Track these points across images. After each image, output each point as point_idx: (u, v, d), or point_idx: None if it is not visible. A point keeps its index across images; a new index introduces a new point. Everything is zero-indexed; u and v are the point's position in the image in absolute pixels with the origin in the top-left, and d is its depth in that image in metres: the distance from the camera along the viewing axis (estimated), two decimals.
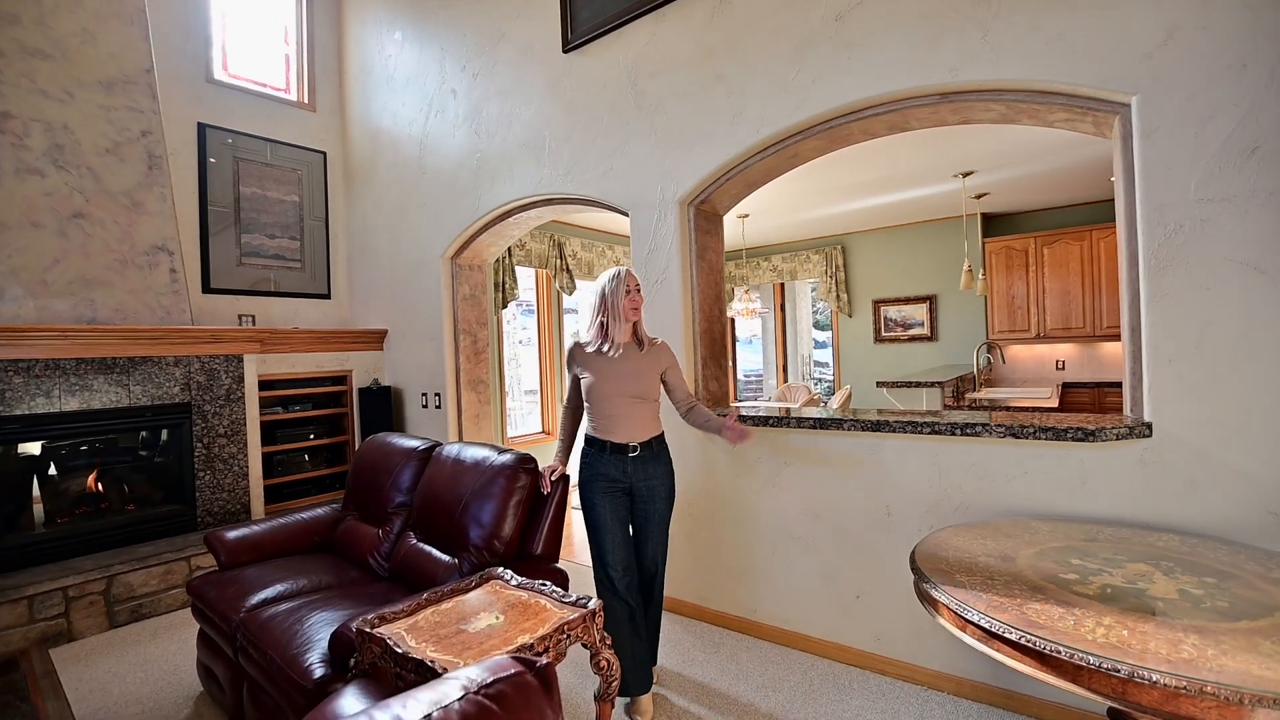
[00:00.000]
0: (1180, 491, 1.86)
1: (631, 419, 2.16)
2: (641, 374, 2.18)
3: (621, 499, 2.18)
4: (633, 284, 2.18)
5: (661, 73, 2.94)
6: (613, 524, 2.15)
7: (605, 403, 2.17)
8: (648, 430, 2.19)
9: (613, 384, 2.16)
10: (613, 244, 6.30)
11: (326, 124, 4.80)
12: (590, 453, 2.23)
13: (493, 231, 4.00)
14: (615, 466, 2.16)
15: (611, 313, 2.15)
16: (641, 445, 2.17)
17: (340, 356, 4.45)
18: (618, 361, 2.17)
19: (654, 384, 2.21)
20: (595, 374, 2.18)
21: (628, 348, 2.20)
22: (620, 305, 2.14)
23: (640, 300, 2.19)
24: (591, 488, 2.19)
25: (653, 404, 2.21)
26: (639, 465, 2.17)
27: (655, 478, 2.19)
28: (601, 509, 2.16)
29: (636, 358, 2.20)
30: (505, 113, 3.65)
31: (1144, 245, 1.90)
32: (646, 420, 2.19)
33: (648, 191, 3.02)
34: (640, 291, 2.20)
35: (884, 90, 2.32)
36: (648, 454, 2.18)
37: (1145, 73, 1.87)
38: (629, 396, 2.15)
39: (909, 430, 2.20)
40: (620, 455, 2.16)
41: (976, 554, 1.68)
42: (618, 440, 2.16)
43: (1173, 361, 1.86)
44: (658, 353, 2.25)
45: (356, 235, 4.76)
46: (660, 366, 2.24)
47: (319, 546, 2.66)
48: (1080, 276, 5.63)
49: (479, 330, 4.31)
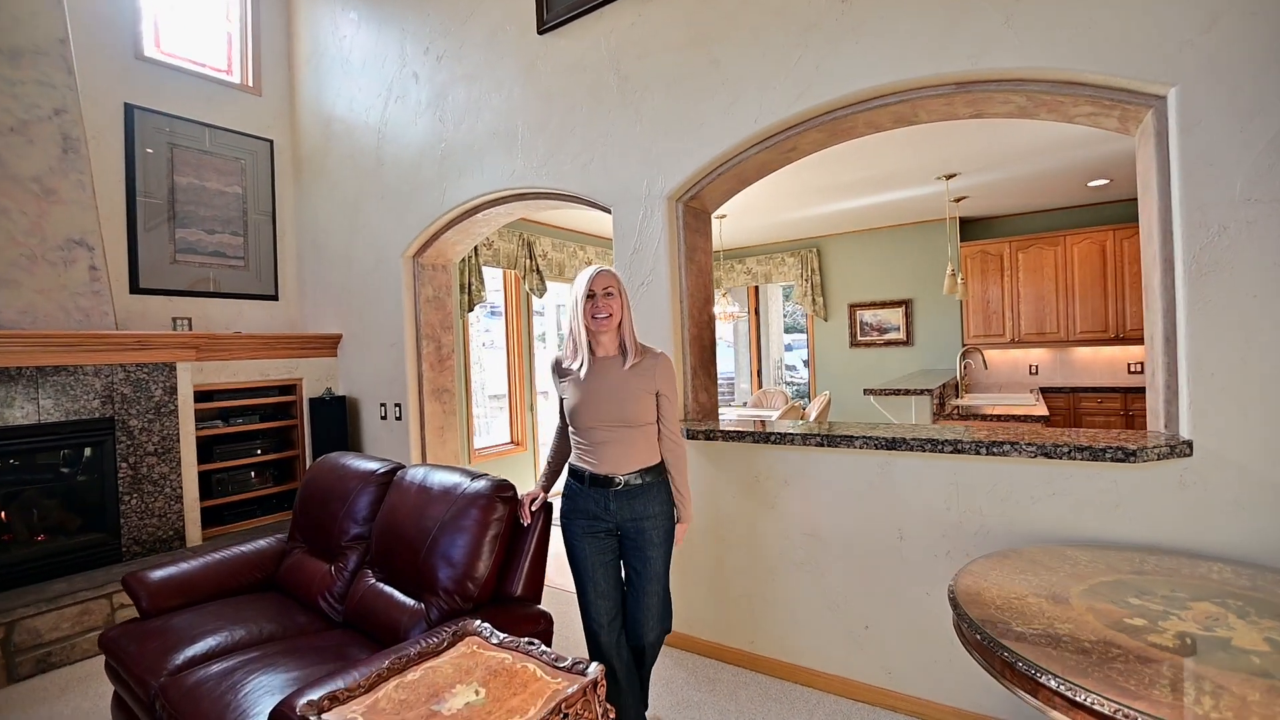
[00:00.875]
0: (1224, 514, 1.72)
1: (615, 447, 1.83)
2: (624, 396, 1.82)
3: (605, 541, 1.88)
4: (598, 286, 1.82)
5: (648, 56, 2.70)
6: (595, 569, 1.86)
7: (583, 430, 1.86)
8: (636, 460, 1.84)
9: (589, 407, 1.83)
10: (585, 244, 6.04)
11: (273, 109, 4.39)
12: (570, 484, 1.93)
13: (459, 229, 3.69)
14: (596, 502, 1.85)
15: (576, 321, 1.84)
16: (628, 478, 1.83)
17: (289, 364, 4.06)
18: (591, 380, 1.84)
19: (642, 407, 1.83)
20: (569, 395, 1.89)
21: (606, 363, 1.87)
22: (581, 309, 1.82)
23: (609, 306, 1.81)
24: (571, 526, 1.90)
25: (643, 429, 1.85)
26: (624, 502, 1.83)
27: (646, 518, 1.84)
28: (582, 552, 1.87)
29: (617, 375, 1.84)
30: (473, 99, 3.36)
31: (1183, 249, 1.75)
32: (635, 449, 1.84)
33: (633, 186, 2.78)
34: (610, 294, 1.82)
35: (896, 78, 2.14)
36: (636, 489, 1.84)
37: (1186, 62, 1.73)
38: (609, 424, 1.82)
39: (928, 449, 2.02)
40: (601, 489, 1.84)
41: (1023, 593, 1.49)
42: (598, 471, 1.84)
43: (1215, 375, 1.72)
44: (649, 369, 1.86)
45: (307, 231, 4.38)
46: (650, 385, 1.85)
47: (262, 584, 2.32)
48: (1054, 282, 5.64)
49: (443, 335, 3.99)
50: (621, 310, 1.85)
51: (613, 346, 1.89)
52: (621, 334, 1.88)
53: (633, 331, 1.89)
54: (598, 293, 1.83)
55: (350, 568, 2.13)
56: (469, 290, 4.68)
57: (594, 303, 1.82)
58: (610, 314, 1.82)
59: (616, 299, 1.84)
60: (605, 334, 1.86)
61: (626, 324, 1.87)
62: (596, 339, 1.87)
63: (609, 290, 1.83)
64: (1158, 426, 1.91)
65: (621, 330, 1.87)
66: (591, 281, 1.83)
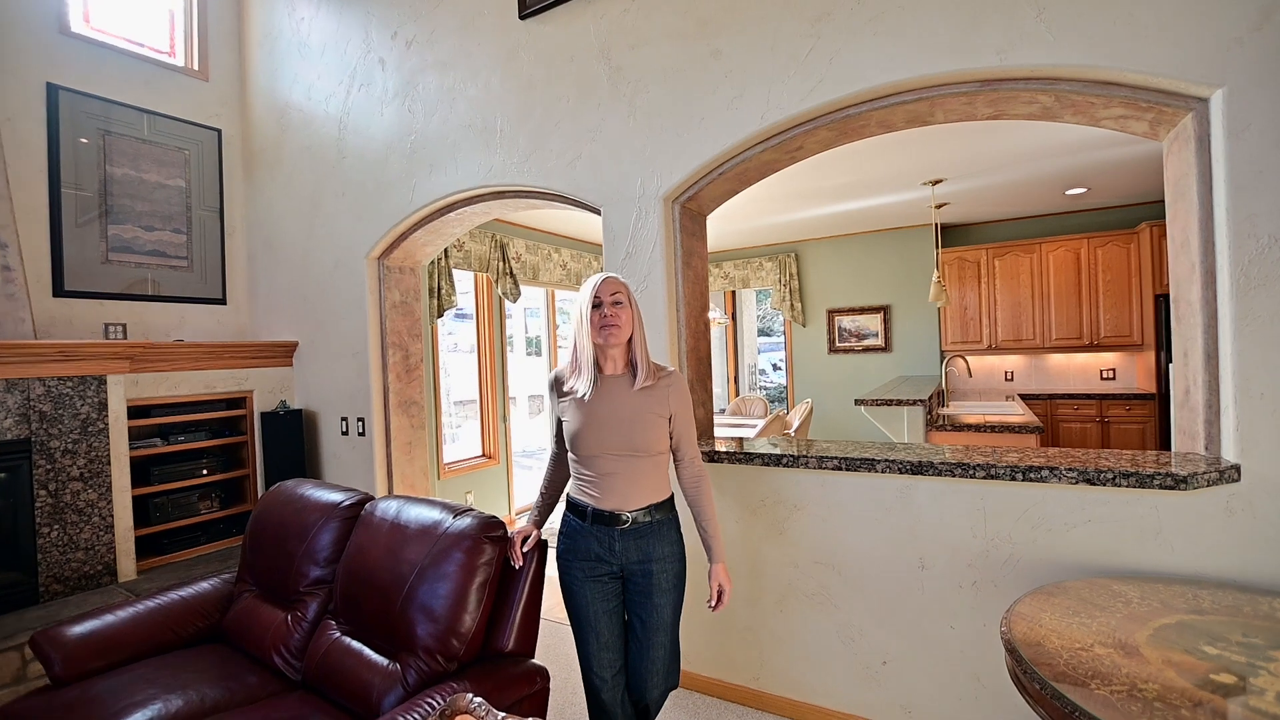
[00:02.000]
0: (1273, 544, 1.61)
1: (623, 479, 1.62)
2: (633, 420, 1.62)
3: (609, 585, 1.67)
4: (605, 294, 1.62)
5: (643, 45, 2.50)
6: (598, 618, 1.65)
7: (586, 458, 1.65)
8: (647, 494, 1.64)
9: (593, 433, 1.62)
10: (560, 246, 5.79)
11: (222, 96, 4.02)
12: (570, 520, 1.72)
13: (429, 228, 3.41)
14: (600, 542, 1.64)
15: (581, 333, 1.63)
16: (636, 514, 1.63)
17: (238, 374, 3.70)
18: (597, 402, 1.63)
19: (655, 433, 1.64)
20: (571, 417, 1.67)
21: (613, 382, 1.66)
22: (587, 320, 1.61)
23: (618, 317, 1.61)
24: (570, 569, 1.69)
25: (654, 458, 1.66)
26: (632, 542, 1.63)
27: (655, 560, 1.64)
28: (582, 597, 1.66)
29: (626, 397, 1.64)
30: (447, 88, 3.09)
31: (1230, 261, 1.64)
32: (645, 481, 1.64)
33: (626, 185, 2.57)
34: (619, 304, 1.63)
35: (916, 74, 1.99)
36: (645, 527, 1.64)
37: (1234, 62, 1.62)
38: (616, 452, 1.62)
39: (956, 473, 1.87)
40: (605, 528, 1.63)
41: (1087, 641, 1.34)
42: (602, 507, 1.63)
43: (1265, 396, 1.61)
44: (663, 390, 1.66)
45: (260, 229, 4.02)
46: (664, 408, 1.66)
47: (205, 635, 2.02)
48: (1030, 289, 5.67)
49: (411, 343, 3.70)
50: (632, 323, 1.65)
51: (621, 363, 1.69)
52: (632, 350, 1.67)
53: (645, 347, 1.68)
54: (605, 301, 1.62)
55: (310, 617, 1.85)
56: (438, 294, 4.38)
57: (600, 313, 1.61)
58: (618, 326, 1.61)
59: (626, 309, 1.64)
60: (614, 349, 1.65)
61: (638, 338, 1.67)
62: (603, 354, 1.66)
63: (618, 299, 1.63)
64: (1195, 448, 1.80)
65: (632, 346, 1.67)
66: (598, 289, 1.62)
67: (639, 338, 1.66)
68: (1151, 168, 4.43)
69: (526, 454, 6.23)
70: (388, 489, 3.54)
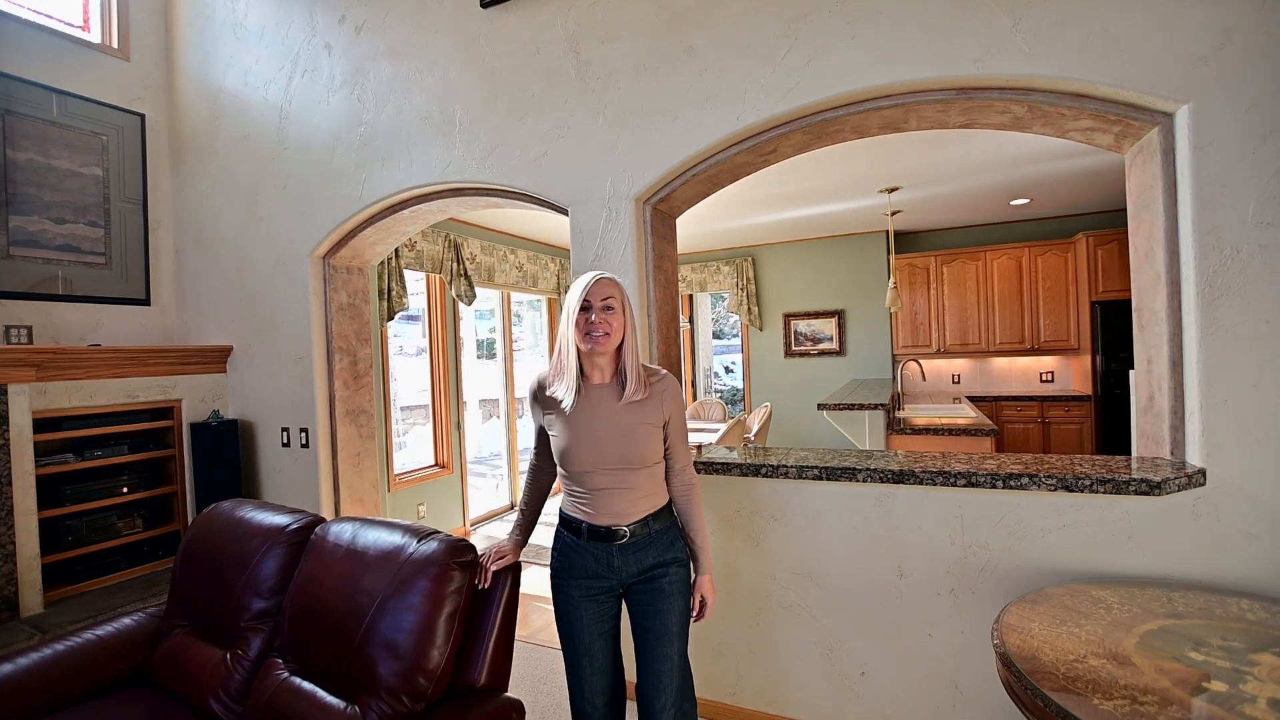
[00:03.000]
0: (1237, 546, 1.66)
1: (617, 494, 1.53)
2: (626, 432, 1.52)
3: (606, 604, 1.59)
4: (595, 296, 1.50)
5: (614, 39, 2.41)
6: (591, 639, 1.57)
7: (577, 475, 1.55)
8: (644, 505, 1.56)
9: (583, 448, 1.52)
10: (516, 247, 5.62)
11: (146, 77, 3.69)
12: (563, 536, 1.62)
13: (380, 226, 3.21)
14: (597, 558, 1.56)
15: (565, 337, 1.51)
16: (634, 527, 1.54)
17: (164, 382, 3.39)
18: (584, 414, 1.53)
19: (650, 445, 1.55)
20: (558, 432, 1.56)
21: (600, 393, 1.55)
22: (572, 324, 1.50)
23: (608, 323, 1.49)
24: (564, 587, 1.59)
25: (651, 469, 1.57)
26: (631, 555, 1.55)
27: (658, 566, 1.57)
28: (577, 618, 1.57)
29: (616, 408, 1.53)
30: (400, 77, 2.91)
31: (1196, 272, 1.69)
32: (640, 492, 1.55)
33: (594, 185, 2.47)
34: (611, 308, 1.51)
35: (894, 79, 1.98)
36: (644, 538, 1.56)
37: (1199, 79, 1.67)
38: (609, 467, 1.52)
39: (938, 482, 1.86)
40: (602, 543, 1.55)
41: (1080, 652, 1.33)
42: (599, 522, 1.54)
43: (1228, 402, 1.66)
44: (655, 398, 1.56)
45: (189, 223, 3.70)
46: (658, 416, 1.56)
47: (128, 679, 1.80)
48: (976, 295, 5.88)
49: (360, 348, 3.48)
50: (625, 329, 1.53)
51: (609, 372, 1.58)
52: (621, 359, 1.56)
53: (636, 356, 1.56)
54: (594, 305, 1.50)
55: (253, 655, 1.67)
56: (388, 296, 4.16)
57: (588, 318, 1.49)
58: (608, 333, 1.50)
59: (619, 315, 1.52)
60: (602, 356, 1.55)
61: (629, 346, 1.54)
62: (590, 362, 1.56)
63: (609, 304, 1.51)
64: (1160, 453, 1.85)
65: (622, 354, 1.55)
66: (588, 290, 1.50)
67: (630, 345, 1.54)
68: (1090, 181, 4.66)
69: (479, 460, 6.02)
70: (334, 504, 3.31)
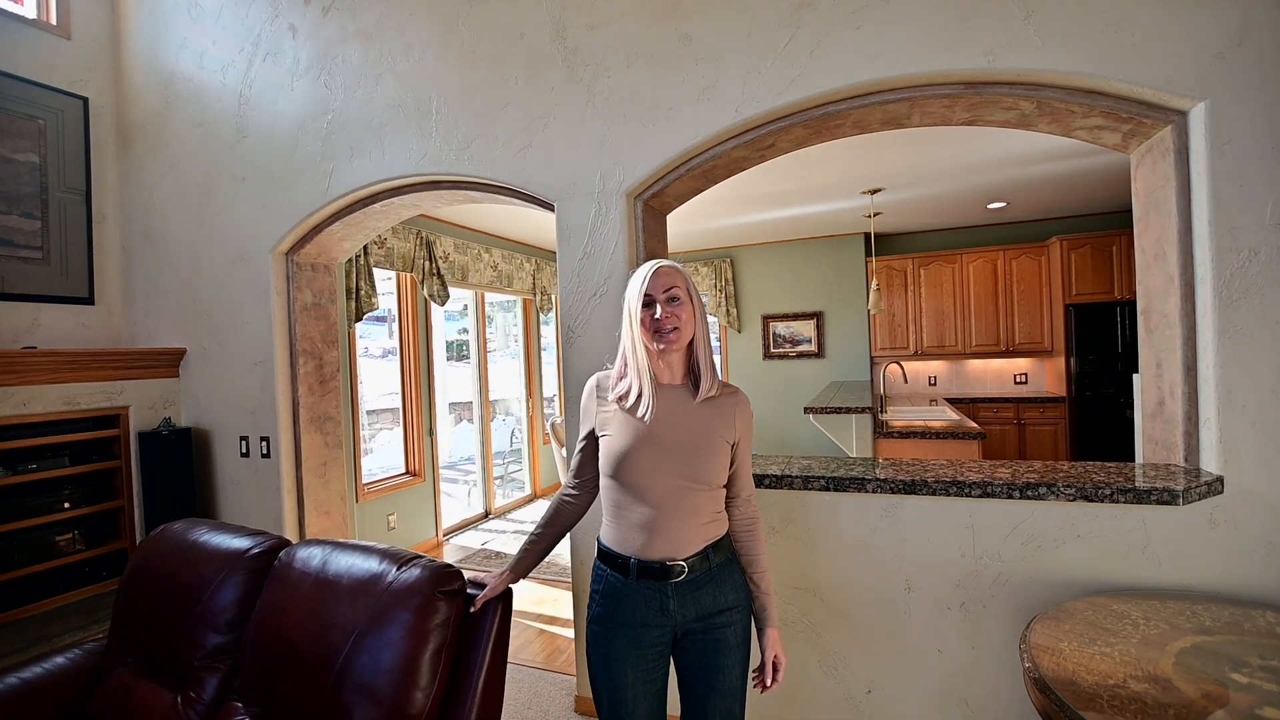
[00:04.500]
0: (1256, 556, 1.62)
1: (677, 517, 1.31)
2: (698, 441, 1.33)
3: (657, 659, 1.35)
4: (657, 288, 1.32)
5: (604, 25, 2.28)
6: (636, 702, 1.33)
7: (633, 485, 1.32)
8: (703, 535, 1.33)
9: (645, 454, 1.31)
10: (491, 246, 5.43)
11: (89, 58, 3.41)
12: (606, 576, 1.38)
13: (349, 221, 3.02)
14: (649, 601, 1.32)
15: (631, 337, 1.34)
16: (692, 562, 1.32)
17: (109, 388, 3.12)
18: (653, 413, 1.33)
19: (718, 462, 1.34)
20: (617, 432, 1.35)
21: (670, 394, 1.36)
22: (637, 323, 1.32)
23: (676, 316, 1.31)
24: (610, 638, 1.35)
25: (714, 492, 1.36)
26: (689, 596, 1.32)
27: (718, 612, 1.34)
28: (622, 676, 1.33)
29: (688, 411, 1.35)
30: (372, 62, 2.73)
31: (1213, 274, 1.64)
32: (703, 517, 1.34)
33: (583, 179, 2.34)
34: (677, 299, 1.32)
35: (902, 72, 1.90)
36: (703, 576, 1.33)
37: (1216, 76, 1.62)
38: (675, 477, 1.30)
39: (951, 492, 1.78)
40: (656, 583, 1.32)
41: (1118, 675, 1.26)
42: (650, 557, 1.31)
43: (1246, 407, 1.62)
44: (729, 409, 1.38)
45: (137, 216, 3.43)
46: (731, 432, 1.37)
47: None
48: (952, 297, 5.92)
49: (326, 350, 3.27)
50: (694, 321, 1.35)
51: (680, 371, 1.39)
52: (694, 354, 1.38)
53: (709, 351, 1.38)
54: (658, 298, 1.32)
55: (208, 698, 1.49)
56: (357, 296, 3.94)
57: (652, 314, 1.32)
58: (678, 327, 1.32)
59: (686, 305, 1.33)
60: (673, 353, 1.36)
61: (700, 340, 1.36)
62: (658, 362, 1.37)
63: (674, 294, 1.32)
64: (1172, 459, 1.81)
65: (694, 349, 1.37)
66: (648, 284, 1.32)
67: (701, 338, 1.36)
68: (1065, 186, 4.71)
69: (451, 466, 5.81)
70: (298, 518, 3.09)
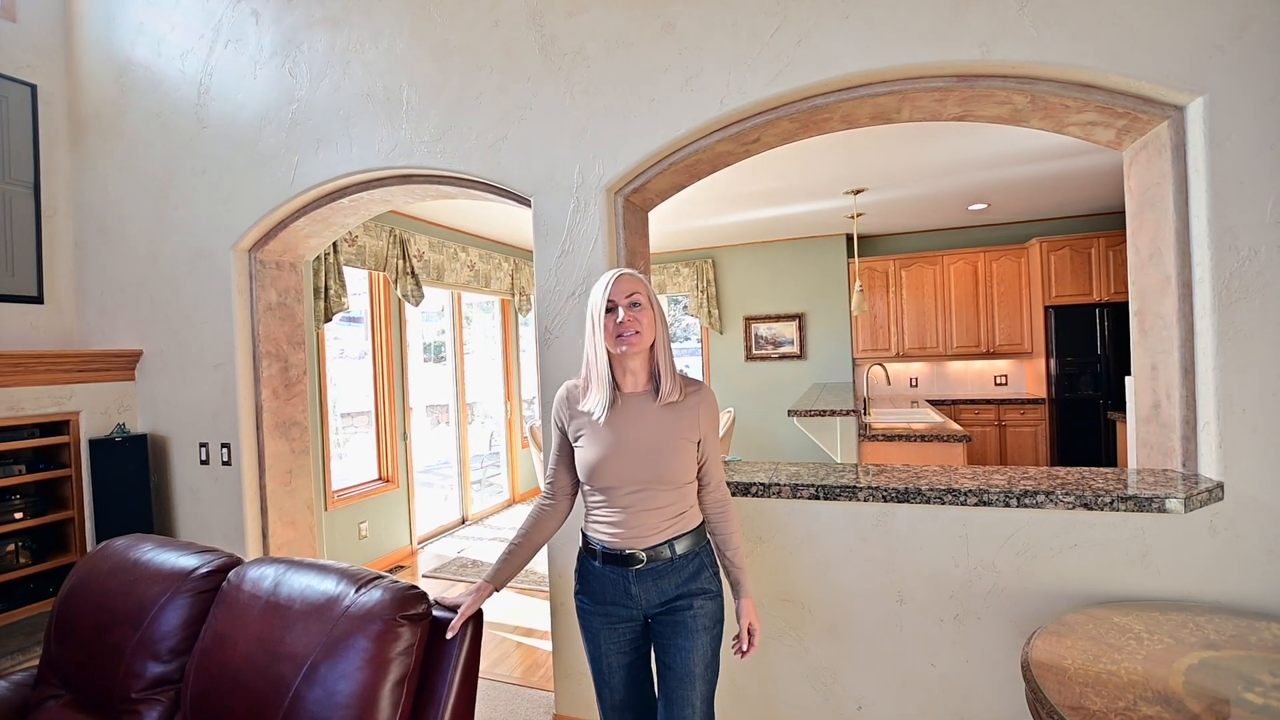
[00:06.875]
0: (1257, 564, 1.57)
1: (640, 513, 1.40)
2: (660, 445, 1.39)
3: (627, 634, 1.47)
4: (619, 294, 1.37)
5: (582, 12, 2.18)
6: (610, 671, 1.48)
7: (602, 489, 1.43)
8: (667, 528, 1.41)
9: (612, 463, 1.39)
10: (468, 245, 5.29)
11: (38, 43, 3.22)
12: (583, 559, 1.51)
13: (315, 216, 2.88)
14: (614, 585, 1.43)
15: (593, 343, 1.40)
16: (651, 552, 1.40)
17: (58, 392, 2.93)
18: (616, 426, 1.40)
19: (683, 461, 1.41)
20: (587, 444, 1.43)
21: (634, 401, 1.43)
22: (600, 328, 1.38)
23: (637, 321, 1.37)
24: (587, 613, 1.50)
25: (681, 489, 1.43)
26: (651, 584, 1.41)
27: (681, 597, 1.41)
28: (594, 644, 1.48)
29: (651, 417, 1.41)
30: (339, 49, 2.60)
31: (1212, 274, 1.60)
32: (666, 514, 1.41)
33: (560, 172, 2.23)
34: (638, 305, 1.38)
35: (893, 63, 1.83)
36: (665, 565, 1.41)
37: (1215, 69, 1.57)
38: (640, 481, 1.39)
39: (946, 500, 1.71)
40: (619, 569, 1.42)
41: (1128, 697, 1.19)
42: (614, 547, 1.41)
43: (1247, 411, 1.57)
44: (692, 407, 1.44)
45: (91, 211, 3.25)
46: (694, 431, 1.43)
47: None
48: (934, 299, 5.91)
49: (292, 352, 3.12)
50: (655, 326, 1.40)
51: (643, 377, 1.45)
52: (654, 359, 1.44)
53: (669, 355, 1.43)
54: (620, 304, 1.38)
55: None
56: (326, 296, 3.78)
57: (615, 319, 1.37)
58: (639, 331, 1.37)
59: (647, 311, 1.39)
60: (635, 359, 1.42)
61: (661, 345, 1.42)
62: (622, 367, 1.43)
63: (635, 300, 1.38)
64: (1169, 464, 1.76)
65: (655, 354, 1.43)
66: (610, 289, 1.38)
67: (662, 343, 1.42)
68: (1047, 188, 4.72)
69: (427, 470, 5.64)
70: (261, 528, 2.94)
